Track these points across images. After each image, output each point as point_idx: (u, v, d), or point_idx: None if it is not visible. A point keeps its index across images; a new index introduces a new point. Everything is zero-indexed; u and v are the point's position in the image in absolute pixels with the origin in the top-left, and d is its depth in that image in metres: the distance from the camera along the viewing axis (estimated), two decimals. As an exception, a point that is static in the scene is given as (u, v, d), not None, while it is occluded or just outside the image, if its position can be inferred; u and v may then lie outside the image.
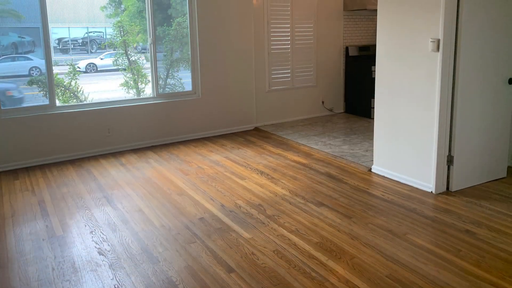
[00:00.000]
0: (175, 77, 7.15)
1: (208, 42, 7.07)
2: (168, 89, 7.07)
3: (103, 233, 3.91)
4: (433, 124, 4.56)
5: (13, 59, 6.12)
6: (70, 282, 3.17)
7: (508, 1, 4.58)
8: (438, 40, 4.37)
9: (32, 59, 6.24)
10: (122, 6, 6.96)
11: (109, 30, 7.16)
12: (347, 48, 8.80)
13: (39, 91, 6.07)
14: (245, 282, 3.11)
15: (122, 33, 6.92)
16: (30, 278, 3.23)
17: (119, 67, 7.02)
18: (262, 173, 5.41)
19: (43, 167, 5.79)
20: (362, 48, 8.91)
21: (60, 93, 6.47)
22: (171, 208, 4.39)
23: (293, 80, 8.23)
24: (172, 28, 6.93)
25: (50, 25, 5.99)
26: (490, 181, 4.93)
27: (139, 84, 7.04)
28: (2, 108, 5.67)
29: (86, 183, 5.16)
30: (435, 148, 4.56)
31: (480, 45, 4.52)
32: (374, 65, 5.30)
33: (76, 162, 6.00)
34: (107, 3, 6.97)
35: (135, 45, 7.09)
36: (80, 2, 7.14)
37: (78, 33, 7.67)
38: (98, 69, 7.76)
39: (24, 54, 6.16)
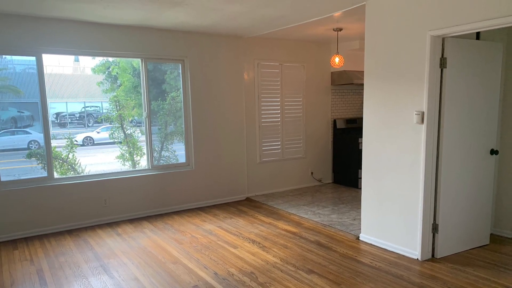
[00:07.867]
0: (169, 150, 7.36)
1: (201, 116, 7.38)
2: (163, 161, 7.28)
3: (100, 301, 4.01)
4: (418, 193, 4.77)
5: (13, 133, 6.31)
6: None
7: (488, 72, 4.88)
8: (423, 113, 4.61)
9: (31, 133, 6.43)
10: (118, 81, 7.22)
11: (106, 105, 7.35)
12: (334, 121, 9.14)
13: (38, 164, 6.24)
14: None
15: (118, 107, 7.16)
16: None
17: (115, 140, 7.24)
18: (254, 241, 5.55)
19: (41, 237, 5.89)
20: (349, 121, 9.25)
21: (58, 166, 6.65)
22: (166, 276, 4.50)
23: (283, 151, 8.50)
24: (166, 102, 7.20)
25: (49, 100, 6.18)
26: (473, 248, 5.11)
27: (134, 156, 7.23)
28: (1, 180, 5.83)
29: (83, 253, 5.27)
30: (421, 216, 4.75)
31: (463, 116, 4.78)
32: (361, 137, 5.48)
33: (74, 232, 6.11)
34: (103, 79, 7.25)
35: (130, 119, 7.32)
36: (77, 78, 7.42)
37: (75, 107, 7.90)
38: (95, 142, 7.95)
39: (23, 128, 6.35)
